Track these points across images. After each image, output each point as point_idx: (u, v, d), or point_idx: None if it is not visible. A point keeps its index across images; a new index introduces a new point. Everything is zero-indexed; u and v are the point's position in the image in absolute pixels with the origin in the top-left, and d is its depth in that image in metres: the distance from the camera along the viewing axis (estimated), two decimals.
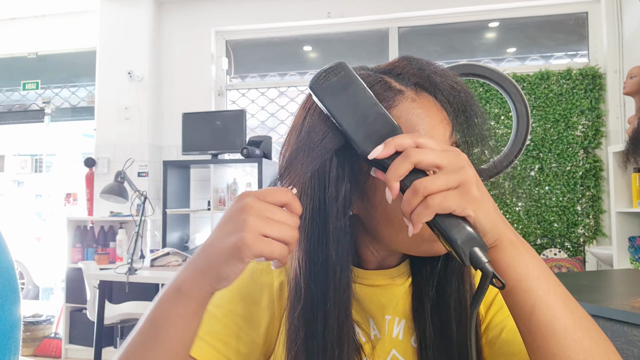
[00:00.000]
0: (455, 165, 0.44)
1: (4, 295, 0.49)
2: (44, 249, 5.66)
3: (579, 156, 3.39)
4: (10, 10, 4.31)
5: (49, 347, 3.80)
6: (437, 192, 0.43)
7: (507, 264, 0.45)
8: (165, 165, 3.61)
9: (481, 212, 0.43)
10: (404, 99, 0.54)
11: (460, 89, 0.56)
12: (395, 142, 0.46)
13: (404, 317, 0.60)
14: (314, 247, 0.52)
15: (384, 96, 0.53)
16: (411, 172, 0.45)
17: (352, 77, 0.50)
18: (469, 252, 0.43)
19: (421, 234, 0.51)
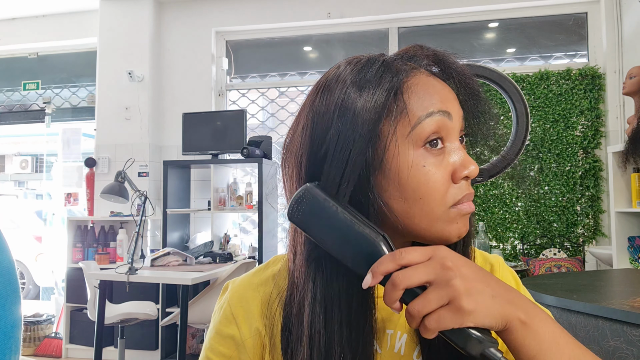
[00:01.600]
0: (441, 278, 0.44)
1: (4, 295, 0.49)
2: (44, 248, 5.67)
3: (578, 156, 3.39)
4: (10, 10, 4.32)
5: (49, 347, 3.81)
6: (431, 311, 0.44)
7: (519, 344, 0.46)
8: (165, 165, 3.61)
9: (480, 315, 0.44)
10: (420, 73, 0.54)
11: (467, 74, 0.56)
12: (380, 271, 0.46)
13: (405, 332, 0.58)
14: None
15: (402, 68, 0.53)
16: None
17: (321, 201, 0.50)
18: (480, 356, 0.44)
19: (434, 210, 0.51)
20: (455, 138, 0.53)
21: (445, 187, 0.52)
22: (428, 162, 0.51)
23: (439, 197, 0.51)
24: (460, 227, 0.53)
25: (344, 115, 0.51)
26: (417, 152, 0.51)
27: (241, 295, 0.61)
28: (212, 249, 3.55)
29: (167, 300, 3.50)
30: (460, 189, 0.52)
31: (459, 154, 0.53)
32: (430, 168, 0.51)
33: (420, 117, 0.51)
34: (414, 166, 0.51)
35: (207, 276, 2.76)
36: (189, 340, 3.51)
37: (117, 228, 3.77)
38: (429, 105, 0.51)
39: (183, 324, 2.57)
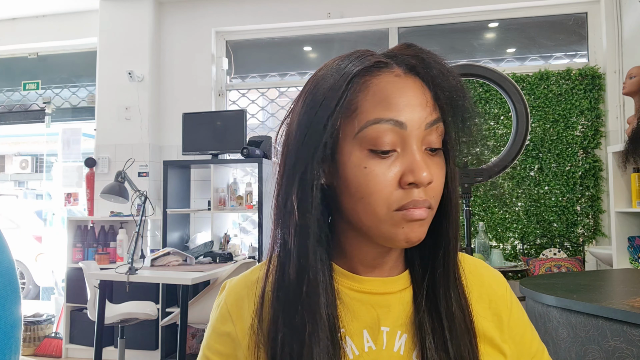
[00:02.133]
0: None
1: (4, 295, 0.49)
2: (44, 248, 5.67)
3: (578, 156, 3.39)
4: (10, 11, 4.32)
5: (49, 347, 3.81)
6: None
7: None
8: (165, 165, 3.61)
9: None
10: (390, 72, 0.53)
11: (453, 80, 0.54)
12: None
13: (405, 332, 0.58)
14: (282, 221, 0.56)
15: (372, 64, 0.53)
16: None
17: None
18: None
19: (377, 211, 0.52)
20: (410, 145, 0.52)
21: (388, 190, 0.51)
22: (370, 164, 0.52)
23: (380, 200, 0.52)
24: (408, 232, 0.53)
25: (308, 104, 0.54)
26: (362, 154, 0.52)
27: (237, 293, 0.62)
28: (212, 249, 3.55)
29: (167, 300, 3.50)
30: (407, 194, 0.52)
31: (410, 160, 0.52)
32: (373, 169, 0.52)
33: (368, 122, 0.51)
34: (357, 166, 0.52)
35: (207, 276, 2.76)
36: (189, 340, 3.51)
37: (117, 228, 3.77)
38: (381, 111, 0.51)
39: (183, 324, 2.57)
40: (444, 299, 0.58)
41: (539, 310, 1.67)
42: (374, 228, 0.54)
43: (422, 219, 0.53)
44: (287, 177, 0.55)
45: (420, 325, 0.58)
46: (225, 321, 0.61)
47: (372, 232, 0.54)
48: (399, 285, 0.60)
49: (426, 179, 0.51)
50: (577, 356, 1.46)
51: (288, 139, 0.56)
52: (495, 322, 0.63)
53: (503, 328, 0.63)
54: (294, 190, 0.54)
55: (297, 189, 0.54)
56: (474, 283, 0.63)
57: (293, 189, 0.54)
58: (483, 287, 0.64)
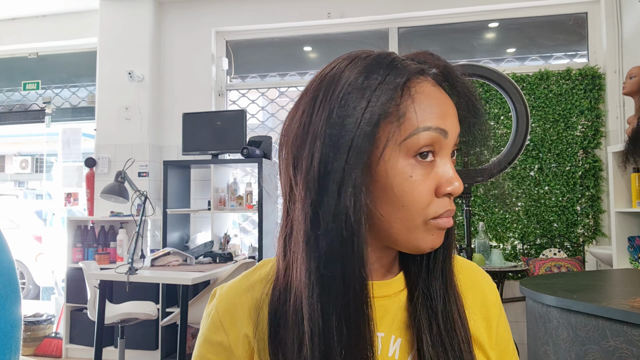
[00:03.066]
0: None
1: (4, 295, 0.49)
2: (44, 248, 5.67)
3: (578, 156, 3.39)
4: (10, 11, 4.32)
5: (49, 347, 3.81)
6: None
7: None
8: (165, 165, 3.61)
9: None
10: (427, 80, 0.54)
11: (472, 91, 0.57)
12: None
13: (400, 336, 0.58)
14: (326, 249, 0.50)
15: (411, 69, 0.53)
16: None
17: None
18: None
19: (415, 219, 0.52)
20: (446, 154, 0.54)
21: (428, 200, 0.52)
22: (416, 172, 0.52)
23: (420, 208, 0.52)
24: (435, 239, 0.54)
25: (345, 110, 0.51)
26: (407, 162, 0.51)
27: (228, 301, 0.60)
28: (212, 249, 3.55)
29: (167, 300, 3.50)
30: (442, 204, 0.53)
31: (447, 170, 0.53)
32: (417, 179, 0.52)
33: (417, 128, 0.51)
34: (401, 174, 0.51)
35: (207, 276, 2.76)
36: (189, 340, 3.51)
37: (117, 228, 3.77)
38: (429, 118, 0.51)
39: (183, 323, 2.57)
40: (441, 302, 0.58)
41: (539, 310, 1.67)
42: (404, 235, 0.54)
43: (450, 226, 0.55)
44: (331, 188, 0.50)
45: (417, 328, 0.57)
46: (217, 330, 0.59)
47: (401, 239, 0.54)
48: (394, 287, 0.60)
49: (460, 189, 0.53)
50: (577, 356, 1.46)
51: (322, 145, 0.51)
52: (486, 327, 0.64)
53: (492, 334, 0.64)
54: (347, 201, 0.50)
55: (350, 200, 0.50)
56: (469, 286, 0.64)
57: (344, 199, 0.50)
58: (477, 291, 0.65)
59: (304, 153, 0.52)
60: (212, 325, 0.60)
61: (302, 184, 0.52)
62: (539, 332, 1.68)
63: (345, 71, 0.53)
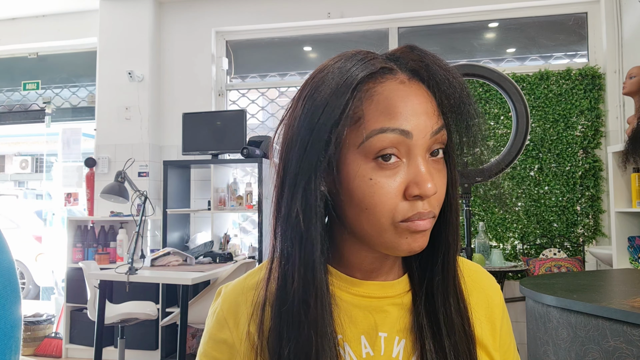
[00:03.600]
0: None
1: (4, 295, 0.49)
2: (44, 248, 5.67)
3: (578, 156, 3.39)
4: (10, 11, 4.32)
5: (49, 347, 3.81)
6: None
7: None
8: (165, 165, 3.61)
9: None
10: (395, 78, 0.52)
11: (458, 86, 0.54)
12: None
13: (404, 337, 0.58)
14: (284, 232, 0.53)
15: (376, 69, 0.52)
16: None
17: None
18: None
19: (381, 222, 0.51)
20: (416, 154, 0.51)
21: (393, 202, 0.50)
22: (376, 175, 0.50)
23: (385, 211, 0.50)
24: (411, 242, 0.52)
25: (309, 109, 0.52)
26: (367, 165, 0.50)
27: (233, 299, 0.60)
28: (212, 249, 3.55)
29: (167, 300, 3.50)
30: (412, 207, 0.51)
31: (416, 171, 0.50)
32: (378, 181, 0.50)
33: (373, 131, 0.49)
34: (360, 177, 0.50)
35: (207, 276, 2.76)
36: (189, 340, 3.51)
37: (117, 228, 3.77)
38: (386, 120, 0.49)
39: (183, 323, 2.57)
40: (443, 305, 0.57)
41: (539, 310, 1.67)
42: (376, 237, 0.53)
43: (426, 230, 0.52)
44: (289, 187, 0.52)
45: (419, 330, 0.57)
46: (221, 328, 0.60)
47: (374, 241, 0.53)
48: (397, 289, 0.60)
49: (431, 190, 0.50)
50: (577, 356, 1.46)
51: (288, 146, 0.53)
52: (490, 330, 0.63)
53: (496, 336, 0.63)
54: (297, 201, 0.52)
55: (300, 200, 0.52)
56: (473, 288, 0.63)
57: (296, 199, 0.52)
58: (482, 293, 0.65)
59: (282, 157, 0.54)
60: (217, 323, 0.60)
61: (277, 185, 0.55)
62: (539, 332, 1.68)
63: (318, 74, 0.54)
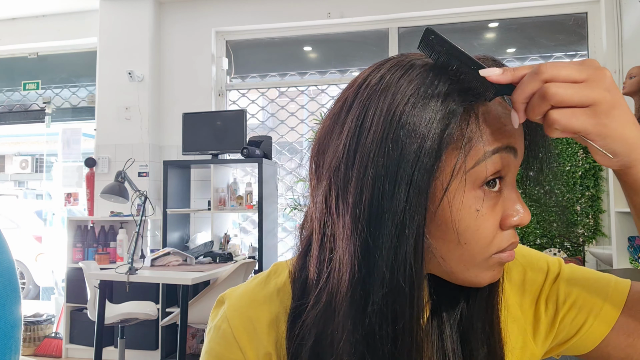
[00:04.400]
0: (595, 79, 0.39)
1: (4, 295, 0.49)
2: (44, 248, 5.67)
3: (578, 156, 3.39)
4: (10, 11, 4.32)
5: (49, 347, 3.80)
6: (565, 105, 0.39)
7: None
8: (165, 165, 3.61)
9: (614, 135, 0.40)
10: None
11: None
12: (515, 74, 0.42)
13: None
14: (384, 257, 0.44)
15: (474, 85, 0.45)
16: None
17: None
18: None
19: (476, 255, 0.45)
20: (513, 178, 0.47)
21: (493, 235, 0.45)
22: (482, 206, 0.44)
23: (485, 245, 0.45)
24: (495, 275, 0.48)
25: (403, 135, 0.42)
26: (473, 193, 0.44)
27: (243, 314, 0.53)
28: (212, 249, 3.55)
29: (167, 300, 3.50)
30: (507, 237, 0.46)
31: (513, 198, 0.46)
32: (484, 212, 0.44)
33: (486, 152, 0.43)
34: (466, 209, 0.44)
35: (207, 276, 2.76)
36: (189, 340, 3.51)
37: (117, 228, 3.77)
38: (497, 138, 0.44)
39: (183, 324, 2.57)
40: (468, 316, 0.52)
41: None
42: (460, 272, 0.47)
43: (512, 260, 0.48)
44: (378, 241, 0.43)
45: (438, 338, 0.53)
46: (230, 348, 0.53)
47: (455, 276, 0.47)
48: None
49: (528, 219, 0.46)
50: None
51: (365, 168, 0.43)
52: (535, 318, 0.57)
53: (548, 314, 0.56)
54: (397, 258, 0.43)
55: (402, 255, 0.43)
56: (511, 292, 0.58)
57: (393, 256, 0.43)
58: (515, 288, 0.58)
59: (350, 184, 0.44)
60: (224, 342, 0.53)
61: (348, 221, 0.44)
62: None
63: (400, 84, 0.44)
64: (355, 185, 0.44)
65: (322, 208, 0.48)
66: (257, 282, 0.57)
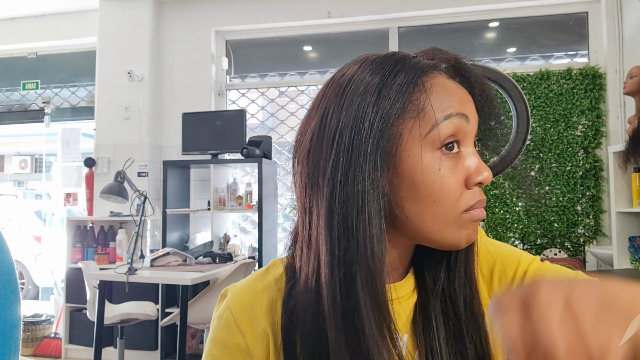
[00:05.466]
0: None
1: (4, 295, 0.49)
2: (43, 248, 5.67)
3: (579, 156, 3.39)
4: (10, 10, 4.31)
5: (48, 347, 3.80)
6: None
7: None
8: (165, 165, 3.61)
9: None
10: (440, 74, 0.53)
11: (485, 81, 0.57)
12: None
13: (406, 332, 0.57)
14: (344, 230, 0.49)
15: (423, 65, 0.52)
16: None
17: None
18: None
19: (447, 213, 0.50)
20: (470, 142, 0.53)
21: (459, 192, 0.51)
22: (443, 165, 0.50)
23: (452, 201, 0.50)
24: (470, 233, 0.53)
25: (360, 112, 0.50)
26: (433, 155, 0.50)
27: (243, 302, 0.58)
28: (212, 249, 3.55)
29: (166, 301, 3.50)
30: (473, 195, 0.52)
31: (474, 159, 0.52)
32: (446, 171, 0.50)
33: (438, 119, 0.50)
34: (429, 169, 0.50)
35: (206, 276, 2.75)
36: (188, 340, 3.51)
37: (117, 228, 3.77)
38: (448, 106, 0.50)
39: (183, 324, 2.57)
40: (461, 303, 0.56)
41: None
42: (437, 232, 0.52)
43: (483, 217, 0.53)
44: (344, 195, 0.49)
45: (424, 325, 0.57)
46: (233, 333, 0.58)
47: (434, 237, 0.52)
48: (407, 288, 0.59)
49: (490, 178, 0.52)
50: None
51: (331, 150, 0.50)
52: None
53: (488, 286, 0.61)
54: (358, 210, 0.48)
55: (362, 209, 0.48)
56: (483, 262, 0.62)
57: (355, 208, 0.49)
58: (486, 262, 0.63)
59: (321, 164, 0.51)
60: (226, 328, 0.58)
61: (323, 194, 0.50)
62: None
63: (356, 74, 0.52)
64: (325, 164, 0.50)
65: (301, 195, 0.54)
66: (257, 275, 0.62)
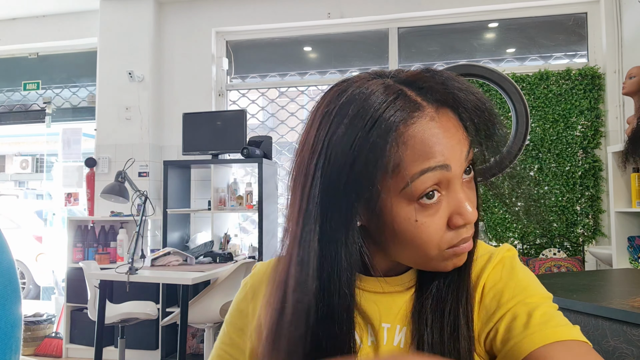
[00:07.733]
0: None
1: (4, 295, 0.50)
2: (44, 248, 5.67)
3: (578, 156, 3.39)
4: (10, 10, 4.32)
5: (49, 347, 3.81)
6: None
7: None
8: (165, 165, 3.61)
9: None
10: (424, 115, 0.50)
11: (484, 107, 0.54)
12: None
13: (405, 325, 0.59)
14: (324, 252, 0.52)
15: (404, 110, 0.49)
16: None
17: None
18: None
19: (428, 253, 0.52)
20: (455, 184, 0.51)
21: (439, 235, 0.51)
22: (421, 216, 0.50)
23: (433, 245, 0.52)
24: (456, 262, 0.54)
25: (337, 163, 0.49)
26: (410, 207, 0.50)
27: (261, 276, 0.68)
28: (212, 249, 3.55)
29: (167, 300, 3.50)
30: (457, 234, 0.52)
31: (457, 202, 0.51)
32: (425, 220, 0.50)
33: (414, 175, 0.49)
34: (405, 221, 0.51)
35: (207, 276, 2.76)
36: (189, 340, 3.51)
37: (118, 228, 3.77)
38: (426, 160, 0.49)
39: (183, 323, 2.57)
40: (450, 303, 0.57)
41: None
42: (421, 265, 0.55)
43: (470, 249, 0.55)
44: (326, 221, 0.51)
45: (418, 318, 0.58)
46: (245, 298, 0.67)
47: (417, 266, 0.56)
48: (405, 282, 0.61)
49: (474, 216, 0.52)
50: None
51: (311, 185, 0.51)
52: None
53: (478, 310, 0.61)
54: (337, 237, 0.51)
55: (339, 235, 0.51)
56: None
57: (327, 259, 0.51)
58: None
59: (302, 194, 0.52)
60: (242, 294, 0.68)
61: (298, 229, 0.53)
62: None
63: (338, 114, 0.51)
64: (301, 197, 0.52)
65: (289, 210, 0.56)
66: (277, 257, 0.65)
